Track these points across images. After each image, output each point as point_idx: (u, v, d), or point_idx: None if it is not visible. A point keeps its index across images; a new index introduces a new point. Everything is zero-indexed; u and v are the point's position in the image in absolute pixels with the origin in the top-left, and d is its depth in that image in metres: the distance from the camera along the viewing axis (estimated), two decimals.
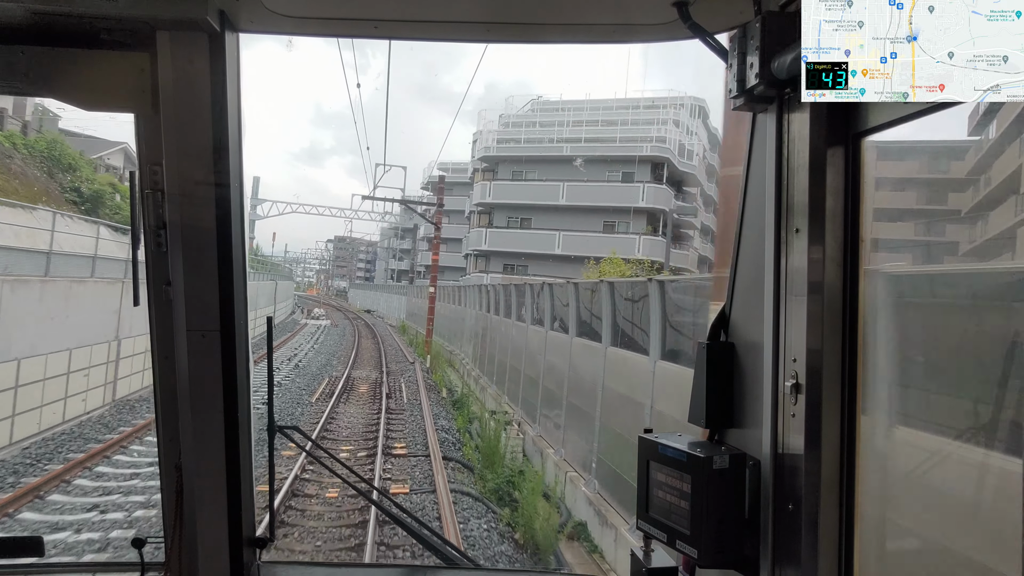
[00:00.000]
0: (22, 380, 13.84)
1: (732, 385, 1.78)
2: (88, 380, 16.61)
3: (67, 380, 15.65)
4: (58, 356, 15.26)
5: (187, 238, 1.86)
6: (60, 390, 15.33)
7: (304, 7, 1.82)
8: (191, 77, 1.79)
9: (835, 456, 1.51)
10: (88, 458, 12.68)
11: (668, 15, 1.67)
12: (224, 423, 1.96)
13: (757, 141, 1.70)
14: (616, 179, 49.72)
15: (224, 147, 1.85)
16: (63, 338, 15.53)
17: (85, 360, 16.42)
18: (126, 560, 2.18)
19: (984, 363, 1.69)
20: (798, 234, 1.53)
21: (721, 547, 1.63)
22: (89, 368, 16.61)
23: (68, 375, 15.71)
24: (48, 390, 14.82)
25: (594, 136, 52.09)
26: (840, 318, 1.51)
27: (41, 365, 14.61)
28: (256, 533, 2.15)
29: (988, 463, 1.59)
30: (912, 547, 1.76)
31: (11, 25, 1.72)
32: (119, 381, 18.28)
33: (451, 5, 1.81)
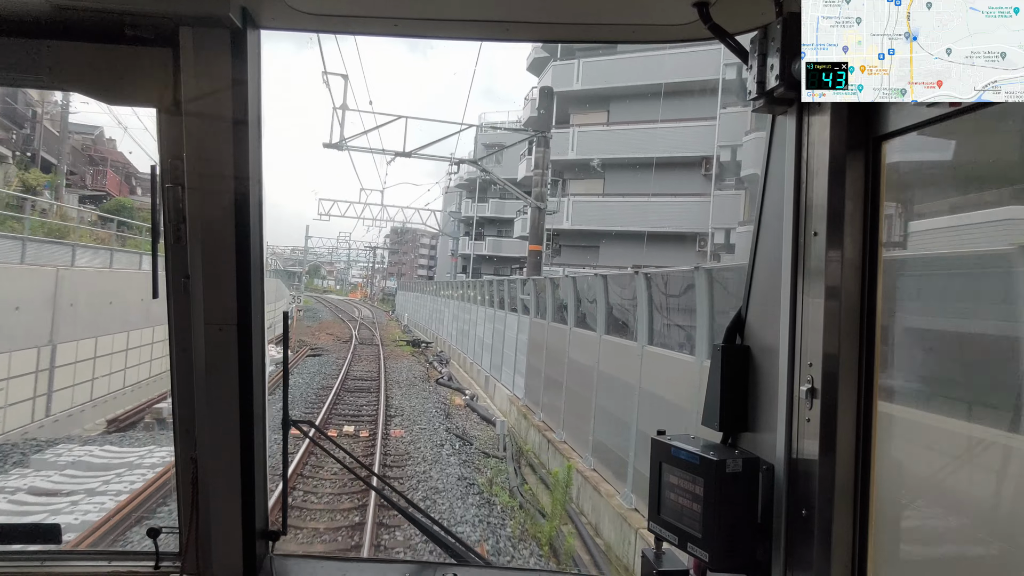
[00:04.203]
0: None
1: (747, 388, 1.77)
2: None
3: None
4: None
5: (206, 232, 1.88)
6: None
7: (325, 5, 1.83)
8: (213, 73, 1.81)
9: (850, 462, 1.50)
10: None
11: (688, 15, 1.66)
12: (239, 416, 1.98)
13: (776, 143, 1.69)
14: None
15: (244, 143, 1.87)
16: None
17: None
18: (141, 549, 2.21)
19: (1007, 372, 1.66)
20: (816, 237, 1.52)
21: (733, 551, 1.62)
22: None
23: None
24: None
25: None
26: (857, 323, 1.50)
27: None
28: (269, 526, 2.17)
29: (1009, 472, 1.57)
30: (928, 556, 1.74)
31: (37, 20, 1.75)
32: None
33: (471, 4, 1.82)
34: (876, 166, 1.48)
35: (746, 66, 1.62)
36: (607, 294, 12.50)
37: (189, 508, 2.03)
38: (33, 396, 16.15)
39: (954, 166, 1.75)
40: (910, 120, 1.37)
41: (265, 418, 2.08)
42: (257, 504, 2.08)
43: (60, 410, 16.98)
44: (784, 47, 1.47)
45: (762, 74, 1.55)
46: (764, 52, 1.55)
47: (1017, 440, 1.50)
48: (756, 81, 1.57)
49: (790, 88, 1.48)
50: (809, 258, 1.54)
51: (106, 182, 42.08)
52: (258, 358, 1.99)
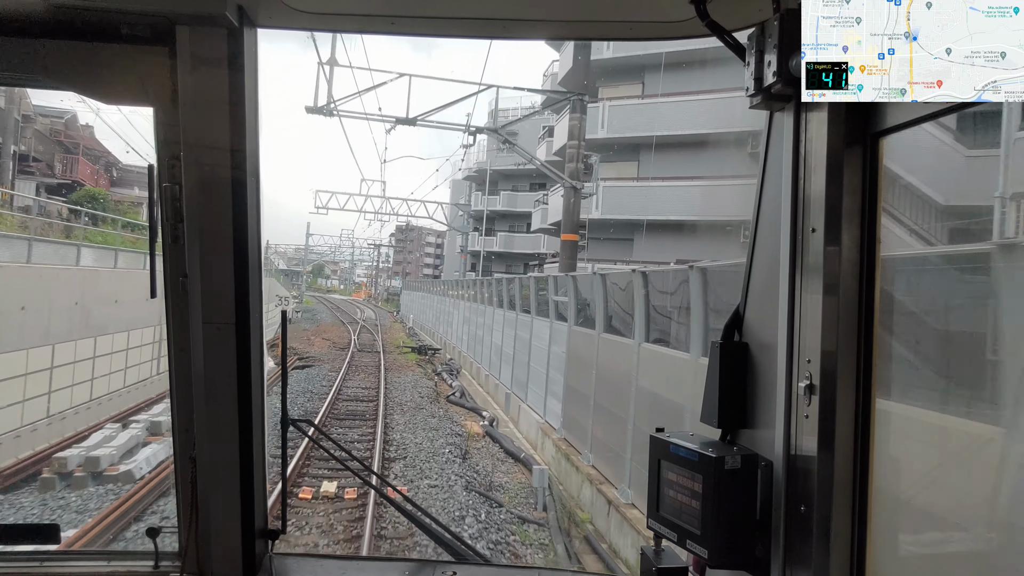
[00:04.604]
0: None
1: (745, 385, 1.77)
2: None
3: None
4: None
5: (204, 231, 1.88)
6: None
7: (322, 3, 1.83)
8: (210, 72, 1.81)
9: (848, 458, 1.50)
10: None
11: (686, 12, 1.66)
12: (238, 415, 1.98)
13: (774, 140, 1.69)
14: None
15: (242, 141, 1.87)
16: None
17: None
18: (140, 549, 2.21)
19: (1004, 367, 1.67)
20: (814, 234, 1.52)
21: (732, 548, 1.62)
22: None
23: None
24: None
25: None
26: (856, 319, 1.50)
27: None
28: (268, 525, 2.17)
29: (1007, 469, 1.57)
30: (926, 552, 1.74)
31: (33, 18, 1.74)
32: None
33: (468, 2, 1.81)
34: (874, 162, 1.48)
35: (743, 63, 1.62)
36: (705, 296, 8.32)
37: (188, 507, 2.03)
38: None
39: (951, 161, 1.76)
40: (908, 116, 1.37)
41: (264, 417, 2.08)
42: (256, 503, 2.08)
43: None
44: (781, 44, 1.47)
45: (759, 71, 1.55)
46: (761, 49, 1.55)
47: (1013, 436, 1.51)
48: (753, 78, 1.57)
49: (788, 85, 1.49)
50: (807, 255, 1.55)
51: (78, 171, 37.70)
52: (256, 357, 1.99)
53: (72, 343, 15.56)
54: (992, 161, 3.29)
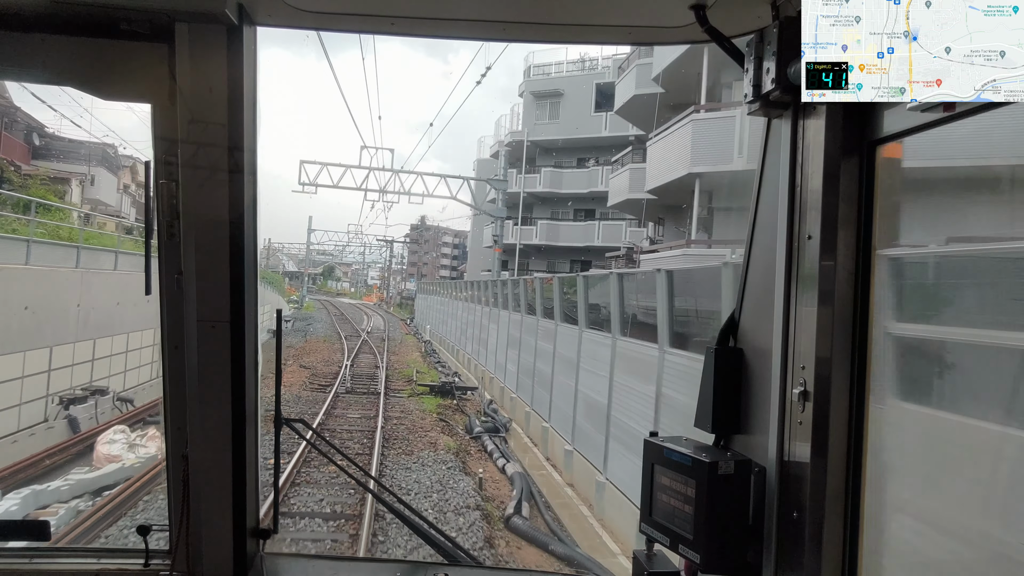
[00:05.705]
0: None
1: (739, 391, 1.77)
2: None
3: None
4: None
5: (200, 229, 1.88)
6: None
7: (322, 2, 1.83)
8: (208, 69, 1.80)
9: (842, 465, 1.50)
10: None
11: (686, 18, 1.67)
12: (231, 414, 1.98)
13: (771, 146, 1.70)
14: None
15: (239, 140, 1.86)
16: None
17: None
18: (131, 547, 2.20)
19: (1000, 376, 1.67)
20: (810, 241, 1.52)
21: (724, 553, 1.62)
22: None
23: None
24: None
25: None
26: (850, 327, 1.50)
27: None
28: (260, 524, 2.17)
29: (1000, 479, 1.57)
30: (918, 560, 1.74)
31: (31, 13, 1.74)
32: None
33: (468, 3, 1.82)
34: (870, 170, 1.48)
35: (742, 69, 1.62)
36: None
37: (180, 505, 2.02)
38: None
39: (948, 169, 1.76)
40: (905, 125, 1.37)
41: (257, 416, 2.08)
42: (248, 502, 2.07)
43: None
44: (780, 50, 1.47)
45: (758, 77, 1.56)
46: (760, 55, 1.55)
47: (1008, 444, 1.51)
48: (752, 84, 1.57)
49: (786, 91, 1.49)
50: (803, 262, 1.55)
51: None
52: (251, 356, 1.98)
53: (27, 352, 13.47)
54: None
